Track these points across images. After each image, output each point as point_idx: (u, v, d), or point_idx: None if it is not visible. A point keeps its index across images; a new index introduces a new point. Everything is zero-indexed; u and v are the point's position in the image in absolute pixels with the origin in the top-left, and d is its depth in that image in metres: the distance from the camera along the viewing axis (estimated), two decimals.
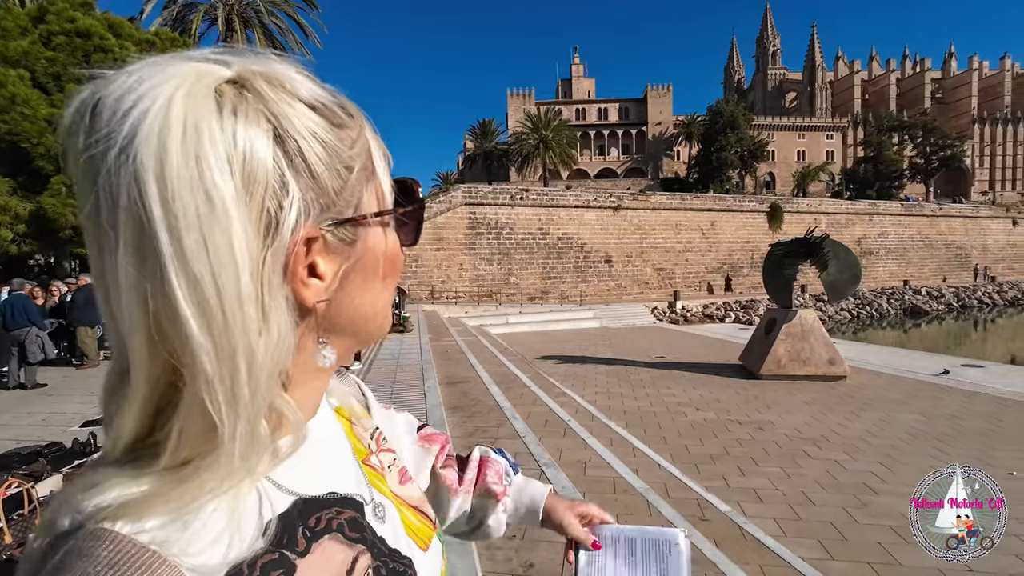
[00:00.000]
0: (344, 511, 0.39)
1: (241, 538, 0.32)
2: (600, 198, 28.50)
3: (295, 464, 0.37)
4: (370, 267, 0.39)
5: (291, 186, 0.32)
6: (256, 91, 0.32)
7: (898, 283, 33.87)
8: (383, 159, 0.40)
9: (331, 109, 0.35)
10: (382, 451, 0.53)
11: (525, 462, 3.74)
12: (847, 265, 8.16)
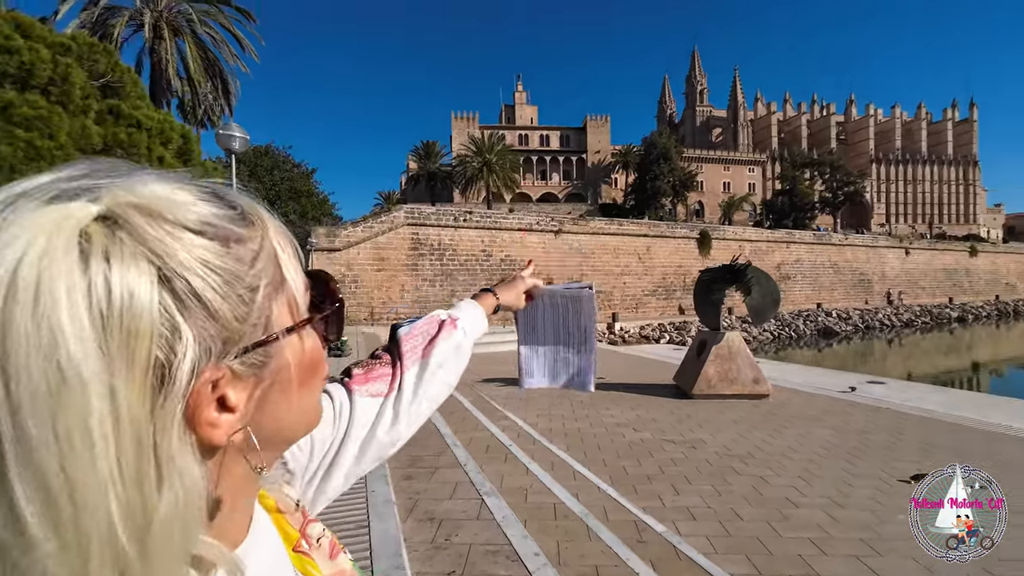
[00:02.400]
0: None
1: None
2: (542, 222, 29.14)
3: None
4: (289, 380, 0.36)
5: (184, 330, 0.28)
6: (132, 228, 0.28)
7: (812, 306, 36.81)
8: (292, 257, 0.38)
9: (225, 228, 0.32)
10: (309, 523, 0.50)
11: (466, 491, 3.68)
12: (768, 291, 8.78)
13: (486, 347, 17.78)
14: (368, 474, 3.93)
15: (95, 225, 0.27)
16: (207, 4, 20.28)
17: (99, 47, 11.69)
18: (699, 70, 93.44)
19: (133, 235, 0.28)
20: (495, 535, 3.09)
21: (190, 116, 20.97)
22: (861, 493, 4.54)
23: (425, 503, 3.52)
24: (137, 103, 11.78)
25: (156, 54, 18.94)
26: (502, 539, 3.04)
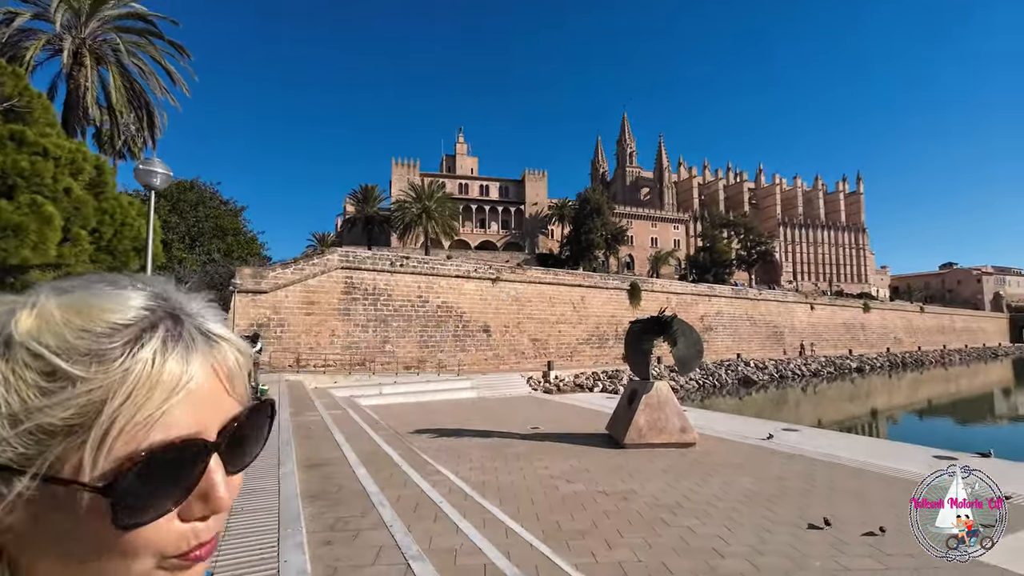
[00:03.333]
0: None
1: None
2: (480, 269, 29.40)
3: None
4: (61, 534, 0.33)
5: None
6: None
7: (733, 356, 39.13)
8: (149, 421, 0.34)
9: (68, 362, 0.33)
10: None
11: (390, 556, 3.44)
12: (692, 342, 9.27)
13: (419, 395, 17.28)
14: (282, 541, 3.60)
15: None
16: (138, 35, 19.55)
17: (6, 69, 10.85)
18: (628, 134, 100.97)
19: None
20: None
21: (107, 146, 19.67)
22: (779, 540, 4.73)
23: (345, 571, 3.24)
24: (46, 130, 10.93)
25: (74, 80, 17.81)
26: None
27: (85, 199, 10.66)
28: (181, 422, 0.35)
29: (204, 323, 0.39)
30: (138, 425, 0.34)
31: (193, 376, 0.36)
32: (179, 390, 0.35)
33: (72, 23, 17.97)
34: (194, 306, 0.39)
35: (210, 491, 0.37)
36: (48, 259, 9.77)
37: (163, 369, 0.35)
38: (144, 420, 0.34)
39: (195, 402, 0.36)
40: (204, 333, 0.38)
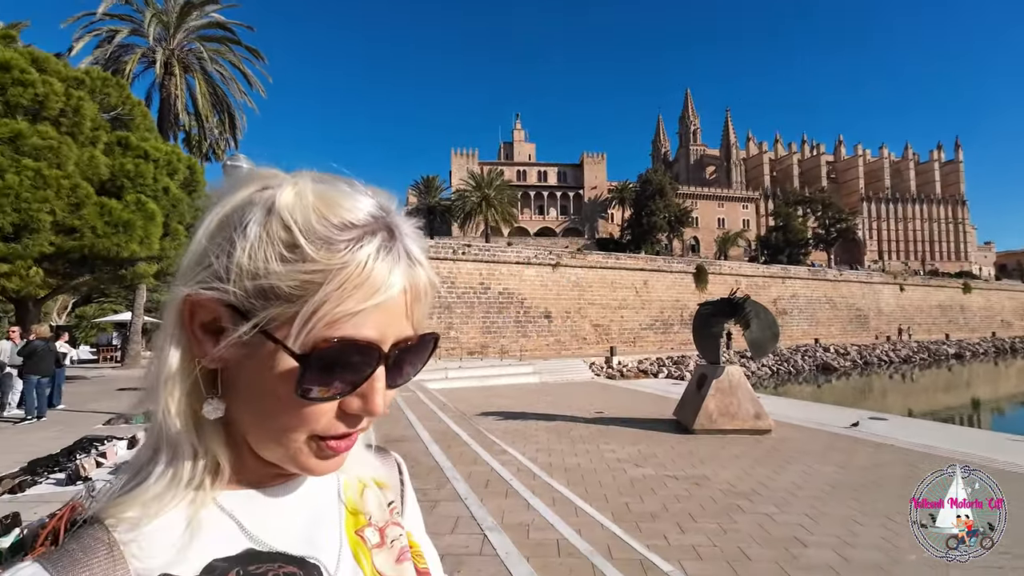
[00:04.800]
0: (287, 566, 0.42)
1: (183, 558, 0.38)
2: (540, 255, 29.38)
3: (263, 512, 0.43)
4: (257, 375, 0.40)
5: (214, 254, 0.40)
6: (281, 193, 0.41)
7: (810, 341, 36.80)
8: (345, 314, 0.39)
9: (307, 240, 0.39)
10: (392, 524, 0.53)
11: (467, 527, 3.58)
12: (767, 324, 8.80)
13: (483, 380, 17.65)
14: None
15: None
16: (218, 43, 20.98)
17: (112, 81, 12.01)
18: (692, 111, 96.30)
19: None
20: (499, 571, 3.00)
21: (195, 149, 21.36)
22: (871, 532, 4.44)
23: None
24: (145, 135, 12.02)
25: (166, 89, 19.45)
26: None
27: (181, 197, 11.64)
28: (368, 325, 0.39)
29: (410, 244, 0.43)
30: (339, 314, 0.38)
31: (392, 287, 0.40)
32: (378, 296, 0.39)
33: (162, 36, 19.57)
34: (406, 228, 0.44)
35: (369, 394, 0.41)
36: (152, 252, 10.83)
37: (372, 273, 0.39)
38: (344, 312, 0.38)
39: (384, 312, 0.40)
40: (408, 253, 0.42)
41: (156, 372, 0.41)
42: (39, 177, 9.26)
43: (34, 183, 9.20)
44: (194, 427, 0.41)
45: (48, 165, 9.46)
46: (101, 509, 0.38)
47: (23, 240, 9.33)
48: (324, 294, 0.38)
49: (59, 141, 9.71)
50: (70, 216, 9.82)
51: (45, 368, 8.21)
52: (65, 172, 9.72)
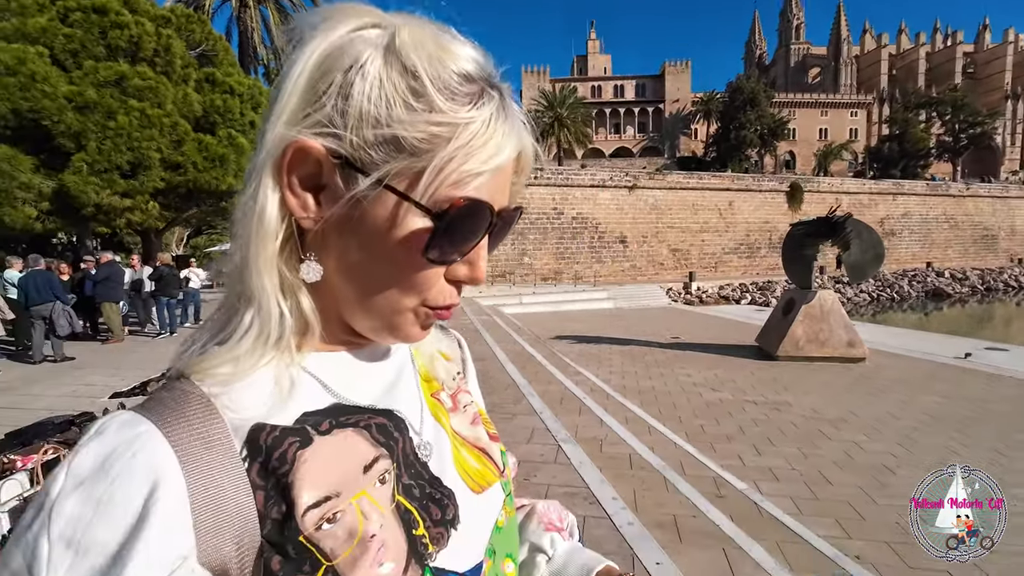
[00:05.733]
0: (376, 417, 0.42)
1: (274, 412, 0.37)
2: (615, 177, 28.12)
3: (346, 373, 0.43)
4: (369, 236, 0.37)
5: (325, 94, 0.36)
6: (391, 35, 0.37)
7: (921, 265, 33.13)
8: (469, 175, 0.36)
9: (435, 88, 0.35)
10: (461, 391, 0.54)
11: (543, 438, 3.78)
12: (870, 245, 7.97)
13: (556, 305, 17.87)
14: None
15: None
16: None
17: (194, 18, 12.44)
18: (795, 3, 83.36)
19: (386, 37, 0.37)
20: (573, 478, 3.17)
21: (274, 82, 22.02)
22: (972, 464, 4.14)
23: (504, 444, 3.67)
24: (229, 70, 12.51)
25: (243, 23, 19.88)
26: (580, 482, 3.11)
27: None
28: (485, 187, 0.37)
29: (516, 108, 0.40)
30: (465, 173, 0.36)
31: (507, 151, 0.38)
32: (497, 158, 0.37)
33: None
34: (507, 90, 0.40)
35: (476, 261, 0.40)
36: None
37: (494, 133, 0.37)
38: (470, 171, 0.36)
39: (496, 177, 0.38)
40: (520, 116, 0.40)
41: (247, 227, 0.37)
42: (144, 117, 10.04)
43: (141, 123, 10.01)
44: (281, 288, 0.38)
45: (150, 105, 10.21)
46: (187, 365, 0.37)
47: (139, 176, 10.35)
48: (452, 149, 0.35)
49: (156, 81, 10.37)
50: (173, 153, 10.68)
51: (171, 290, 9.36)
52: (165, 111, 10.46)
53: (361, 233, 0.37)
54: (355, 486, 0.37)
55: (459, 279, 0.40)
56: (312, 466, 0.36)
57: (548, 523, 0.59)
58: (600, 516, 2.77)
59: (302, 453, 0.36)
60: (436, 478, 0.43)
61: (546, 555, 0.57)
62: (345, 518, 0.35)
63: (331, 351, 0.43)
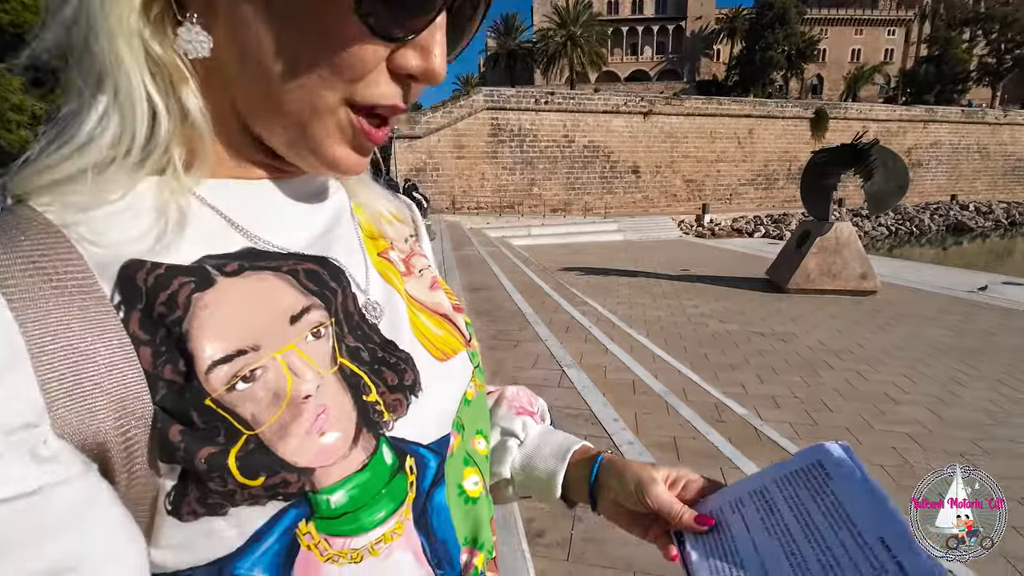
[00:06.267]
0: (305, 262, 0.34)
1: (161, 252, 0.28)
2: (630, 102, 26.78)
3: (262, 210, 0.34)
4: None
5: None
6: None
7: (945, 198, 32.03)
8: None
9: None
10: (415, 255, 0.47)
11: (547, 363, 3.84)
12: (895, 174, 7.62)
13: (565, 237, 17.70)
14: None
15: None
16: None
17: None
18: None
19: None
20: (576, 401, 3.25)
21: None
22: (976, 394, 4.17)
23: (509, 369, 3.74)
24: None
25: None
26: (583, 405, 3.18)
27: None
28: None
29: None
30: None
31: None
32: None
33: None
34: None
35: (430, 45, 0.30)
36: None
37: None
38: None
39: None
40: None
41: None
42: None
43: None
44: (147, 67, 0.27)
45: None
46: (17, 184, 0.27)
47: None
48: None
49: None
50: None
51: None
52: None
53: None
54: (279, 339, 0.30)
55: (407, 70, 0.30)
56: (216, 312, 0.28)
57: (519, 408, 0.55)
58: (601, 436, 2.85)
59: (200, 297, 0.28)
60: (389, 341, 0.36)
61: (518, 439, 0.53)
62: (267, 375, 0.28)
63: (239, 179, 0.33)
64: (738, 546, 0.39)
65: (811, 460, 0.39)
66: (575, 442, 0.53)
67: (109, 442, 0.25)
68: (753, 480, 0.42)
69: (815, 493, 0.38)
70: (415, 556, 0.34)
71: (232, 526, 0.27)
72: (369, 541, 0.31)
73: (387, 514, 0.32)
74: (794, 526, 0.37)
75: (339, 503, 0.29)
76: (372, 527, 0.31)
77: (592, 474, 0.49)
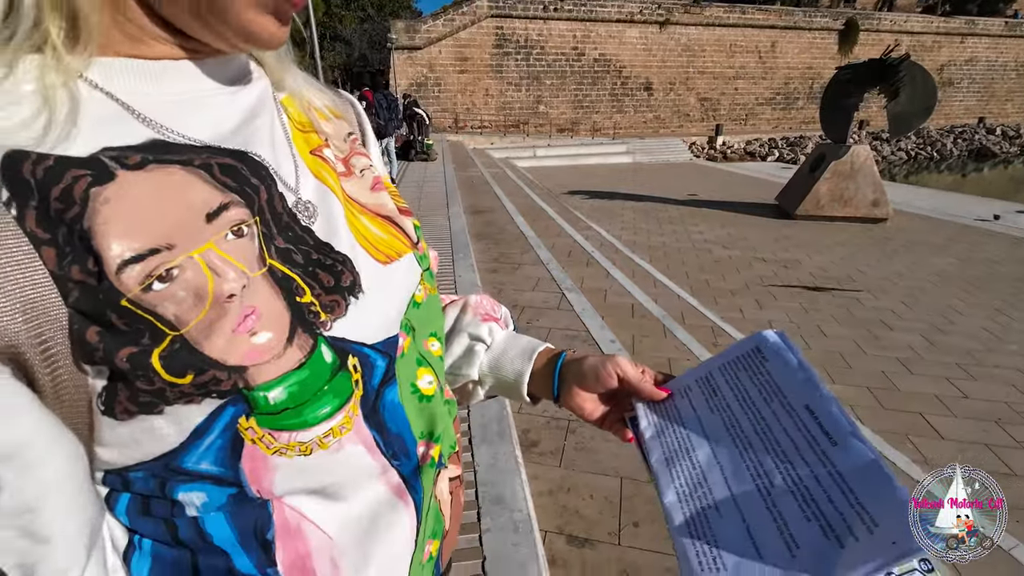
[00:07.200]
0: (220, 157, 0.31)
1: (52, 142, 0.26)
2: (646, 10, 24.76)
3: (168, 97, 0.30)
4: None
5: None
6: None
7: (972, 120, 30.46)
8: None
9: None
10: (355, 155, 0.44)
11: (547, 287, 3.87)
12: (923, 93, 7.19)
13: (572, 159, 17.17)
14: (456, 262, 4.20)
15: None
16: None
17: None
18: None
19: None
20: (574, 323, 3.31)
21: None
22: (971, 322, 4.23)
23: (509, 292, 3.78)
24: None
25: None
26: (580, 327, 3.25)
27: None
28: None
29: None
30: None
31: None
32: None
33: None
34: None
35: None
36: None
37: None
38: None
39: None
40: None
41: None
42: None
43: None
44: None
45: None
46: None
47: None
48: None
49: None
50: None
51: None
52: None
53: None
54: (195, 237, 0.28)
55: None
56: (119, 208, 0.26)
57: (484, 314, 0.57)
58: None
59: (100, 191, 0.26)
60: (325, 243, 0.36)
61: (484, 344, 0.55)
62: (185, 275, 0.27)
63: (137, 58, 0.29)
64: (686, 424, 0.44)
65: (751, 347, 0.45)
66: (539, 344, 0.55)
67: (21, 344, 0.24)
68: (699, 369, 0.47)
69: (752, 374, 0.43)
70: (367, 448, 0.35)
71: (170, 423, 0.27)
72: (317, 435, 0.31)
73: (332, 409, 0.32)
74: (733, 403, 0.42)
75: (278, 399, 0.30)
76: (317, 422, 0.31)
77: (556, 367, 0.52)
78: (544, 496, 1.90)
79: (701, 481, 0.40)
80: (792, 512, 0.35)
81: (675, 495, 0.41)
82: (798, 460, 0.36)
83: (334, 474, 0.33)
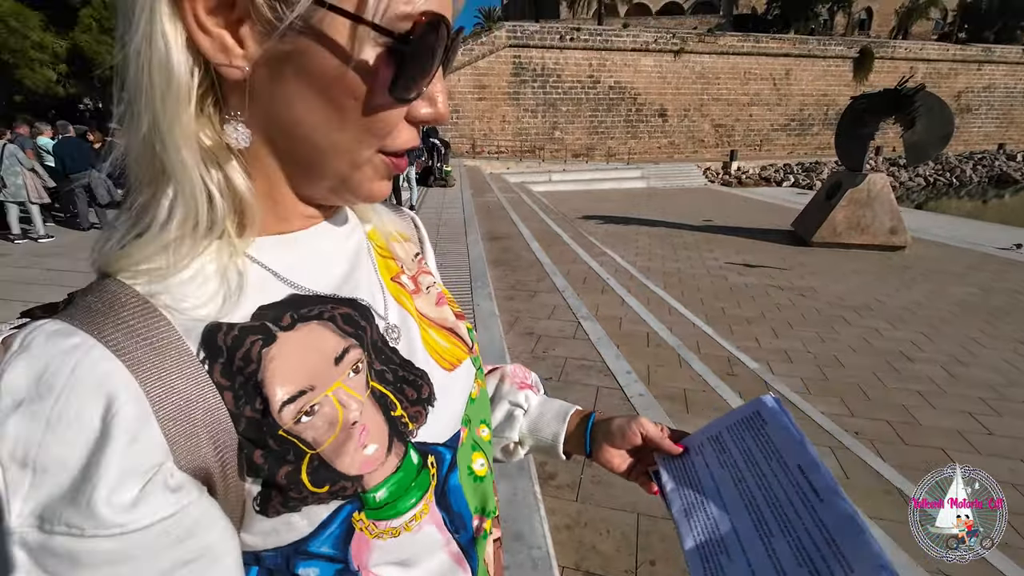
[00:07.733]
0: (340, 307, 0.40)
1: (227, 310, 0.34)
2: (661, 39, 25.21)
3: (299, 260, 0.40)
4: (313, 78, 0.32)
5: None
6: None
7: (992, 147, 30.12)
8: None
9: None
10: (422, 273, 0.54)
11: (563, 315, 3.92)
12: (940, 122, 7.20)
13: (587, 184, 17.33)
14: (474, 291, 4.28)
15: None
16: None
17: None
18: None
19: None
20: (589, 352, 3.34)
21: None
22: (992, 355, 4.16)
23: (525, 320, 3.83)
24: None
25: None
26: (596, 356, 3.28)
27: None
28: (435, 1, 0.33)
29: None
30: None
31: None
32: None
33: None
34: None
35: (436, 94, 0.36)
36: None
37: None
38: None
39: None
40: None
41: (146, 84, 0.30)
42: None
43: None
44: (204, 162, 0.33)
45: None
46: (108, 263, 0.33)
47: None
48: None
49: None
50: None
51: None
52: None
53: (303, 76, 0.32)
54: (328, 378, 0.37)
55: (421, 119, 0.37)
56: (280, 364, 0.35)
57: (520, 383, 0.65)
58: (613, 387, 2.96)
59: (268, 351, 0.34)
60: (407, 361, 0.44)
61: (523, 409, 0.63)
62: (323, 410, 0.36)
63: (277, 235, 0.39)
64: (700, 477, 0.52)
65: (752, 411, 0.52)
66: (570, 407, 0.64)
67: (211, 467, 0.32)
68: (710, 428, 0.55)
69: (755, 435, 0.50)
70: (438, 527, 0.43)
71: (304, 518, 0.35)
72: (405, 521, 0.39)
73: (416, 500, 0.40)
74: (740, 460, 0.50)
75: (382, 498, 0.38)
76: (407, 511, 0.39)
77: (587, 428, 0.61)
78: (562, 531, 1.91)
79: (714, 528, 0.48)
80: (787, 556, 0.42)
81: (693, 541, 0.49)
82: (792, 512, 0.44)
83: (413, 549, 0.41)
